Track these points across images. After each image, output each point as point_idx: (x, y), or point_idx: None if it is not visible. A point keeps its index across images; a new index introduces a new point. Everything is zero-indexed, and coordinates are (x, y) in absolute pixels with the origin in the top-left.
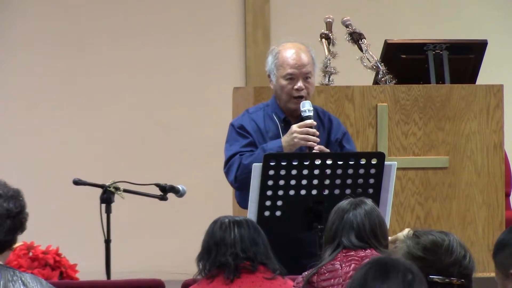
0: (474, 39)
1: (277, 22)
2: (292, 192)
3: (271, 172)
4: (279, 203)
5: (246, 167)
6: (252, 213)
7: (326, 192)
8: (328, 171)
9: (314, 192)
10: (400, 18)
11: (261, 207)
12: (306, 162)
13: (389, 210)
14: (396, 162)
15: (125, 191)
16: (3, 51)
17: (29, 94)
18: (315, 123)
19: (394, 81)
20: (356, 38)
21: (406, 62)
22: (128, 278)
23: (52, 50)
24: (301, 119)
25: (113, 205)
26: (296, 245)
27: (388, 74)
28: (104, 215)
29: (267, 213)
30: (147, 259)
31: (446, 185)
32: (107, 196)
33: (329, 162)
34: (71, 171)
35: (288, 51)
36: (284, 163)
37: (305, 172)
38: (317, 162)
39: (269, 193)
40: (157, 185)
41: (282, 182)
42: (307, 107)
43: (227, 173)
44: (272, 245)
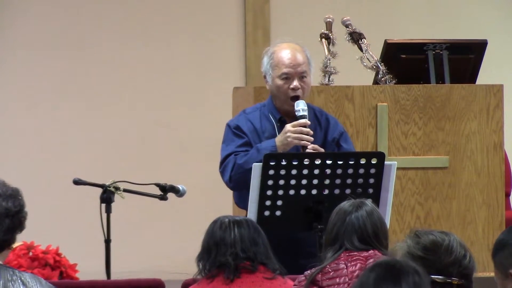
0: (474, 39)
1: (277, 22)
2: (292, 192)
3: (271, 172)
4: (279, 203)
5: (241, 167)
6: (252, 213)
7: (326, 192)
8: (328, 171)
9: (314, 192)
10: (400, 18)
11: (261, 207)
12: (306, 162)
13: (389, 210)
14: (396, 162)
15: (125, 191)
16: (3, 51)
17: (29, 94)
18: (309, 123)
19: (394, 81)
20: (356, 38)
21: (406, 62)
22: (128, 278)
23: (52, 50)
24: (296, 119)
25: (113, 205)
26: (296, 245)
27: (388, 74)
28: (104, 215)
29: (267, 213)
30: (147, 259)
31: (446, 185)
32: (107, 196)
33: (329, 162)
34: (71, 171)
35: (283, 51)
36: (284, 163)
37: (305, 172)
38: (317, 162)
39: (269, 193)
40: (157, 185)
41: (282, 182)
42: (301, 107)
43: (222, 173)
44: (272, 245)
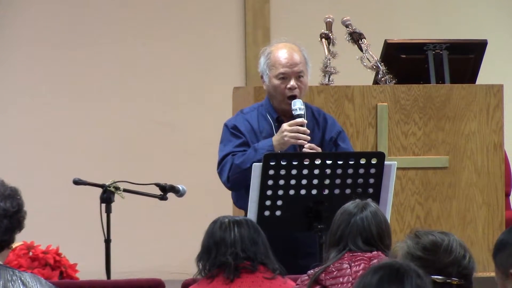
0: (474, 39)
1: (277, 22)
2: (292, 192)
3: (271, 172)
4: (279, 203)
5: (238, 167)
6: (252, 213)
7: (326, 192)
8: (328, 171)
9: (314, 192)
10: (400, 18)
11: (261, 207)
12: (306, 162)
13: (389, 210)
14: (396, 162)
15: (125, 191)
16: (3, 50)
17: (29, 94)
18: (306, 122)
19: (394, 81)
20: (356, 38)
21: (406, 62)
22: (128, 278)
23: (52, 50)
24: (293, 118)
25: (113, 205)
26: (296, 245)
27: (388, 74)
28: (104, 215)
29: (267, 213)
30: (147, 259)
31: (446, 185)
32: (107, 196)
33: (329, 162)
34: (71, 171)
35: (280, 51)
36: (284, 163)
37: (305, 172)
38: (317, 162)
39: (269, 193)
40: (157, 185)
41: (282, 182)
42: (298, 106)
43: (220, 174)
44: (272, 245)
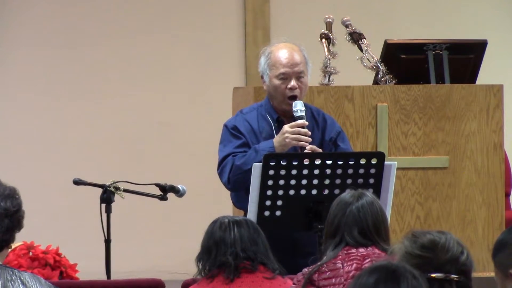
0: (474, 39)
1: (277, 22)
2: (292, 192)
3: (271, 172)
4: (279, 203)
5: (239, 168)
6: (252, 213)
7: (326, 192)
8: (328, 171)
9: (314, 192)
10: (400, 18)
11: (261, 207)
12: (306, 162)
13: (389, 210)
14: (396, 162)
15: (125, 191)
16: (3, 50)
17: (29, 94)
18: (307, 123)
19: (394, 81)
20: (356, 38)
21: (406, 62)
22: (128, 278)
23: (52, 50)
24: (294, 119)
25: (113, 205)
26: (296, 245)
27: (388, 74)
28: (104, 215)
29: (267, 213)
30: (147, 259)
31: (446, 185)
32: (107, 196)
33: (329, 162)
34: (71, 171)
35: (281, 51)
36: (284, 163)
37: (305, 172)
38: (317, 162)
39: (269, 193)
40: (157, 185)
41: (282, 182)
42: (299, 107)
43: (221, 175)
44: (272, 245)
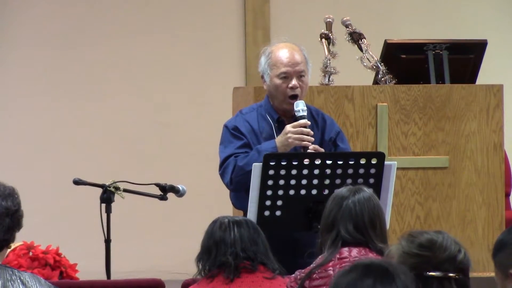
0: (474, 39)
1: (277, 22)
2: (292, 192)
3: (271, 172)
4: (279, 203)
5: (241, 169)
6: (252, 213)
7: (326, 192)
8: (328, 171)
9: (314, 192)
10: (400, 18)
11: (261, 207)
12: (306, 162)
13: (389, 210)
14: (396, 162)
15: (125, 191)
16: (3, 50)
17: (29, 93)
18: (309, 123)
19: (394, 81)
20: (356, 38)
21: (406, 62)
22: (128, 278)
23: (52, 50)
24: (295, 119)
25: (113, 205)
26: (296, 245)
27: (388, 74)
28: (104, 215)
29: (267, 213)
30: (147, 259)
31: (446, 185)
32: (107, 196)
33: (329, 162)
34: (71, 171)
35: (281, 51)
36: (284, 163)
37: (305, 172)
38: (317, 162)
39: (269, 193)
40: (157, 185)
41: (282, 182)
42: (301, 107)
43: (222, 175)
44: (272, 245)
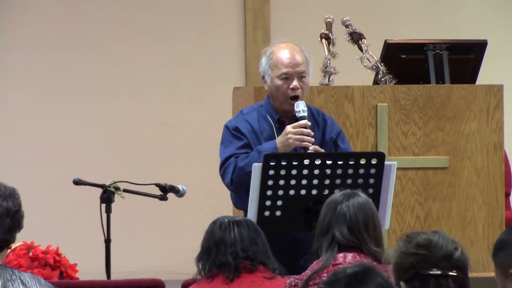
0: (474, 39)
1: (277, 22)
2: (292, 192)
3: (271, 172)
4: (279, 203)
5: (242, 169)
6: (252, 213)
7: (326, 192)
8: (328, 171)
9: (314, 192)
10: (400, 18)
11: (261, 207)
12: (306, 162)
13: (389, 210)
14: (396, 162)
15: (125, 191)
16: (3, 50)
17: (29, 94)
18: (310, 123)
19: (394, 81)
20: (356, 38)
21: (406, 62)
22: (128, 278)
23: (52, 50)
24: (296, 120)
25: (113, 205)
26: (296, 245)
27: (388, 74)
28: (104, 215)
29: (267, 213)
30: (147, 259)
31: (446, 185)
32: (107, 196)
33: (329, 162)
34: (71, 171)
35: (282, 51)
36: (284, 163)
37: (305, 172)
38: (317, 162)
39: (269, 193)
40: (157, 185)
41: (282, 182)
42: (302, 107)
43: (223, 176)
44: (272, 245)
